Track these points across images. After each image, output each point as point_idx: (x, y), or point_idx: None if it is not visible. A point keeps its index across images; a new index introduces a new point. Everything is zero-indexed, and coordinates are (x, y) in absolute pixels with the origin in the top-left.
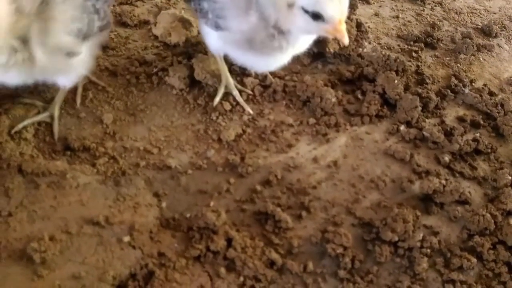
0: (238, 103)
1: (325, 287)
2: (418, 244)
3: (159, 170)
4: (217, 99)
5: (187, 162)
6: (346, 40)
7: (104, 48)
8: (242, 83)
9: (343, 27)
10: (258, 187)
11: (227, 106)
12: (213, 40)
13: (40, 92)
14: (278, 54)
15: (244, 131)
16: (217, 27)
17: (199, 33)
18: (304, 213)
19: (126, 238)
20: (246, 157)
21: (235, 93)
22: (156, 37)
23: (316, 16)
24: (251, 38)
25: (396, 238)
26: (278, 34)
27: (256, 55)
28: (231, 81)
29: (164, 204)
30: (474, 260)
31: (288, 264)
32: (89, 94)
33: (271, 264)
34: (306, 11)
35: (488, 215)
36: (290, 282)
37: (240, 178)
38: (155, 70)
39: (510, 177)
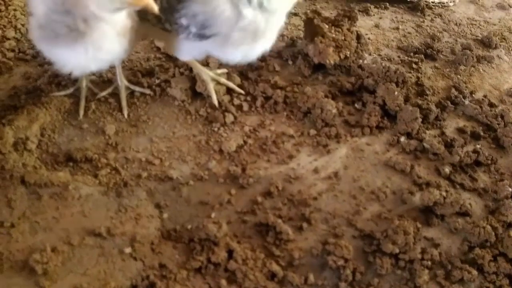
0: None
1: None
2: (419, 256)
3: (160, 181)
4: (214, 97)
5: (188, 173)
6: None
7: None
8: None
9: None
10: (259, 199)
11: (229, 117)
12: (194, 50)
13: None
14: (247, 44)
15: (245, 142)
16: (202, 37)
17: None
18: (305, 225)
19: (128, 250)
20: (247, 168)
21: (210, 85)
22: (158, 49)
23: None
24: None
25: (397, 250)
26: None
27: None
28: (208, 72)
29: (165, 216)
30: (475, 272)
31: (289, 276)
32: (91, 105)
33: (272, 276)
34: None
35: (489, 227)
36: None
37: (241, 189)
38: (157, 81)
39: (510, 189)
